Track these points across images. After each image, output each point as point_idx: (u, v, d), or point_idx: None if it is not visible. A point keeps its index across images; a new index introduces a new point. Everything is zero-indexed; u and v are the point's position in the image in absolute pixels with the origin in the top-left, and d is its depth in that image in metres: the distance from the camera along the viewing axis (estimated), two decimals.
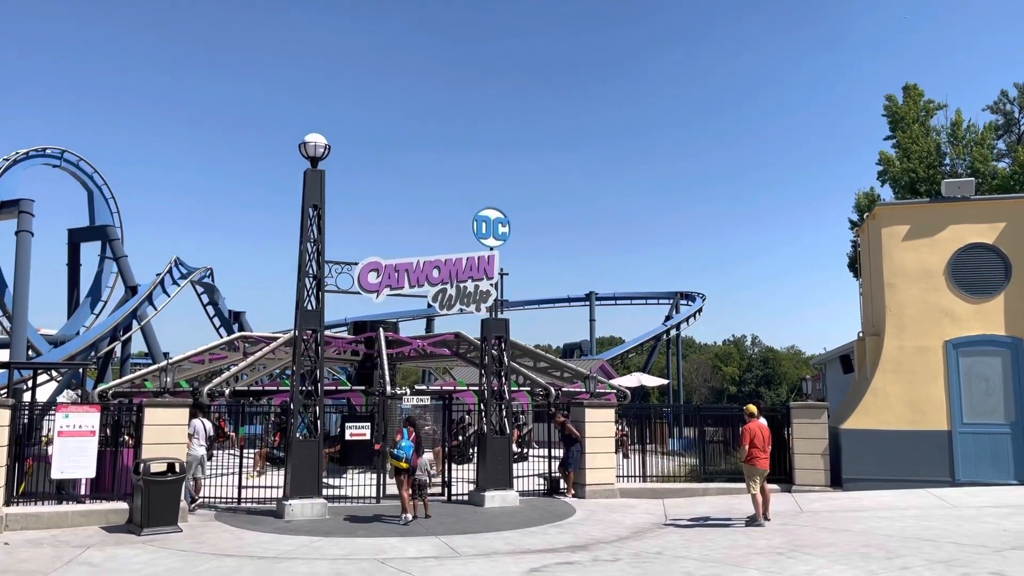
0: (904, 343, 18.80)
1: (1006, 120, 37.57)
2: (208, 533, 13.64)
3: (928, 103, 33.64)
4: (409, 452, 14.90)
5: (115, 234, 44.50)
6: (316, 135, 16.26)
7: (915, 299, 18.90)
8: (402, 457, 14.85)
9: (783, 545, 12.35)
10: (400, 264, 17.17)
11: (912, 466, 17.99)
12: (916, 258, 19.03)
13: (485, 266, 17.65)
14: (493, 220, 17.90)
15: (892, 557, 11.24)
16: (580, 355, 55.88)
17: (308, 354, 15.95)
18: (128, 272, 44.27)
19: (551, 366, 24.69)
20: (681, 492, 18.36)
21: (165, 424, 15.12)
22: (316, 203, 16.23)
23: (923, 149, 31.70)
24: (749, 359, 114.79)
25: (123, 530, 13.76)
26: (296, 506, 15.04)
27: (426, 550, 12.32)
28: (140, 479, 13.65)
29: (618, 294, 66.79)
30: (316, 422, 15.72)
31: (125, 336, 43.38)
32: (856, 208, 34.42)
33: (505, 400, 17.63)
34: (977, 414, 18.11)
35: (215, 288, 50.02)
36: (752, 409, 15.27)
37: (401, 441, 15.04)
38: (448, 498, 17.70)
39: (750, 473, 14.51)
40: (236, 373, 22.77)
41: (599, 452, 18.37)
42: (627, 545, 12.68)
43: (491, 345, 17.68)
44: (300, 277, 16.04)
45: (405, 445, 14.98)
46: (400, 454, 14.87)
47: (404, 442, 15.00)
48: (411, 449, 14.98)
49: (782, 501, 16.60)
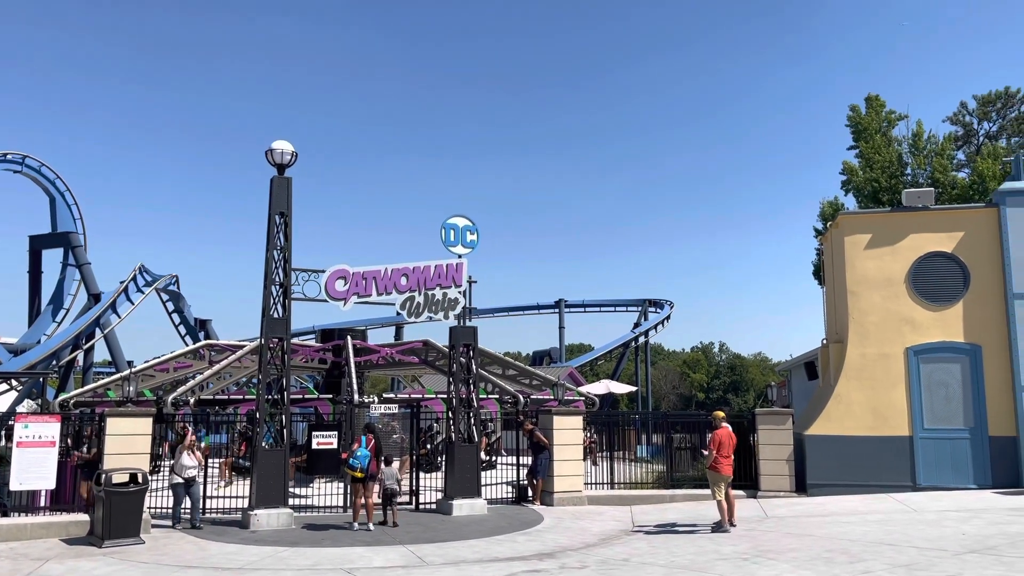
0: (866, 350, 19.10)
1: (965, 131, 38.49)
2: (171, 545, 13.43)
3: (890, 114, 34.29)
4: (365, 461, 14.92)
5: (78, 241, 43.88)
6: (283, 142, 16.17)
7: (877, 306, 19.23)
8: (357, 467, 14.88)
9: (748, 551, 12.47)
10: (368, 272, 17.10)
11: (875, 471, 18.27)
12: (878, 266, 19.36)
13: (453, 274, 17.64)
14: (461, 228, 17.90)
15: (855, 561, 11.40)
16: (549, 362, 56.02)
17: (274, 362, 15.82)
18: (91, 279, 43.66)
19: (520, 374, 24.75)
20: (649, 499, 18.46)
21: (128, 434, 14.90)
22: (283, 210, 16.12)
23: (885, 159, 32.29)
24: (717, 366, 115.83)
25: (84, 542, 13.50)
26: (262, 516, 14.88)
27: (394, 559, 12.26)
28: (101, 490, 13.41)
29: (587, 301, 67.08)
30: (283, 431, 15.59)
31: (88, 344, 42.73)
32: (821, 217, 34.94)
33: (473, 408, 17.61)
34: (937, 420, 18.45)
35: (180, 296, 49.43)
36: (720, 415, 15.41)
37: (358, 450, 15.07)
38: (416, 507, 17.62)
39: (715, 479, 14.63)
40: (201, 382, 22.55)
41: (567, 459, 18.41)
42: (594, 552, 12.72)
43: (460, 353, 17.66)
44: (266, 285, 15.91)
45: (361, 454, 15.01)
46: (355, 463, 14.90)
47: (361, 451, 15.03)
48: (367, 458, 15.00)
49: (748, 507, 16.76)
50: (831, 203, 34.47)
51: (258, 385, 16.39)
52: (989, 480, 17.99)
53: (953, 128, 38.02)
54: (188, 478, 14.97)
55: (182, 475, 14.95)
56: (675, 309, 61.13)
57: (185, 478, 14.97)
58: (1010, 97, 37.60)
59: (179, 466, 15.00)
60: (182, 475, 14.95)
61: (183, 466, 14.98)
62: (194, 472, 15.11)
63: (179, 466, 15.00)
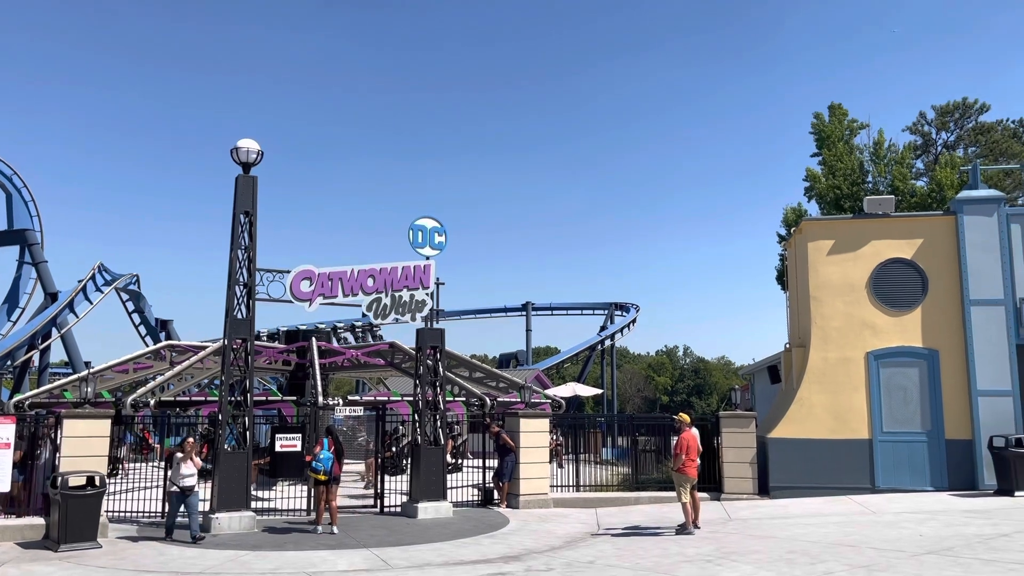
0: (828, 354, 19.39)
1: (924, 141, 39.32)
2: (129, 549, 13.18)
3: (852, 122, 34.90)
4: (328, 464, 14.93)
5: (35, 238, 42.99)
6: (249, 140, 15.96)
7: (839, 311, 19.52)
8: (320, 469, 14.88)
9: (712, 553, 12.57)
10: (334, 272, 16.95)
11: (835, 474, 18.54)
12: (840, 272, 19.67)
13: (421, 275, 17.57)
14: (429, 229, 17.84)
15: (815, 562, 11.55)
16: (516, 365, 56.03)
17: (238, 364, 15.61)
18: (48, 278, 42.79)
19: (487, 376, 24.69)
20: (614, 501, 18.54)
21: (85, 436, 14.58)
22: (248, 210, 15.92)
23: (847, 167, 32.85)
24: (681, 369, 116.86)
25: (39, 546, 13.20)
26: (223, 519, 14.66)
27: (357, 563, 12.15)
28: (57, 493, 13.12)
29: (554, 304, 67.21)
30: (245, 433, 15.38)
31: (44, 344, 41.86)
32: (784, 222, 35.44)
33: (440, 410, 17.54)
34: (896, 423, 18.78)
35: (141, 295, 48.56)
36: (685, 418, 15.49)
37: (320, 452, 15.04)
38: (381, 510, 17.50)
39: (680, 481, 14.73)
40: (162, 383, 22.18)
41: (533, 462, 18.42)
42: (560, 555, 12.73)
43: (426, 355, 17.58)
44: (230, 285, 15.69)
45: (324, 457, 15.01)
46: (319, 466, 14.89)
47: (323, 453, 15.02)
48: (331, 461, 15.01)
49: (712, 509, 16.90)
50: (795, 209, 34.98)
51: (221, 387, 16.16)
52: (946, 482, 18.35)
53: (912, 137, 38.88)
54: (186, 487, 13.80)
55: (179, 484, 13.80)
56: (641, 313, 61.54)
57: (182, 487, 13.79)
58: (967, 108, 38.52)
59: (176, 474, 13.86)
60: (179, 484, 13.80)
61: (181, 475, 13.80)
62: (193, 481, 13.89)
63: (176, 474, 13.86)
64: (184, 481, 13.81)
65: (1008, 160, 35.55)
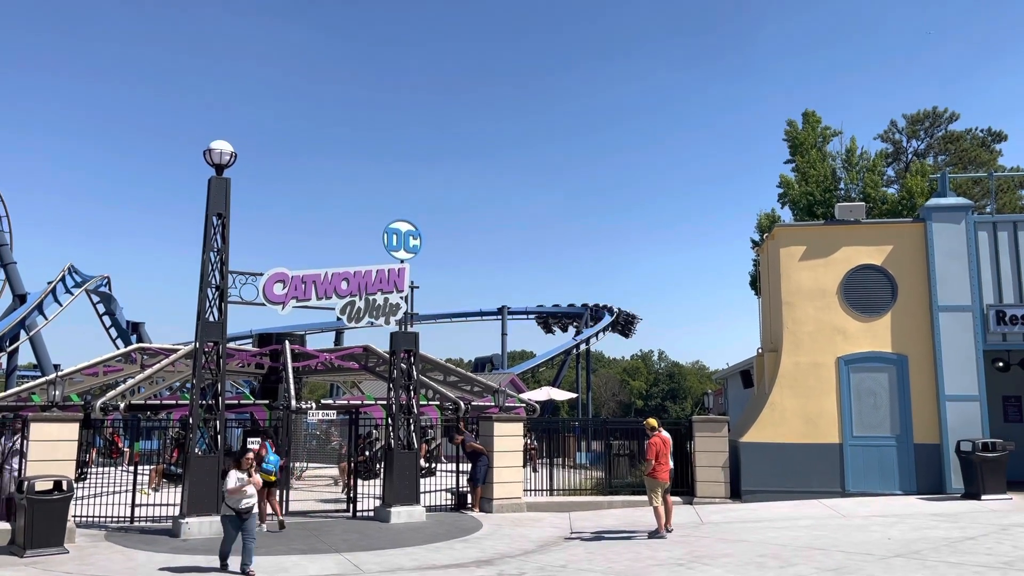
0: (800, 359, 19.58)
1: (895, 148, 39.86)
2: (97, 554, 12.99)
3: (825, 129, 35.33)
4: (277, 465, 15.64)
5: (3, 239, 42.39)
6: (222, 142, 15.83)
7: (810, 317, 19.73)
8: (271, 471, 15.46)
9: (684, 556, 12.64)
10: (307, 275, 16.85)
11: (806, 478, 18.72)
12: (812, 277, 19.88)
13: (395, 279, 17.51)
14: (404, 232, 17.78)
15: (785, 566, 11.65)
16: (491, 369, 55.96)
17: (209, 367, 15.46)
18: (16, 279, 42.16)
19: (461, 380, 24.66)
20: (587, 505, 18.57)
21: (52, 440, 14.37)
22: (220, 211, 15.79)
23: (820, 173, 33.24)
24: (656, 373, 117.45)
25: (4, 552, 12.96)
26: (193, 524, 14.50)
27: (329, 567, 12.07)
28: (24, 497, 12.90)
29: (530, 308, 67.30)
30: (217, 437, 15.24)
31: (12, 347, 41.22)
32: (758, 228, 35.77)
33: (413, 414, 17.48)
34: (865, 427, 19.01)
35: (112, 297, 47.94)
36: (652, 423, 15.59)
37: (268, 455, 15.54)
38: (353, 514, 17.39)
39: (652, 486, 14.79)
40: (133, 386, 21.88)
41: (507, 466, 18.41)
42: (532, 559, 12.74)
43: (400, 359, 17.52)
44: (202, 287, 15.54)
45: (274, 459, 15.66)
46: (269, 468, 15.41)
47: (271, 455, 15.62)
48: (278, 462, 15.74)
49: (684, 513, 16.99)
50: (768, 215, 35.33)
51: (192, 390, 16.00)
52: (914, 486, 18.60)
53: (884, 145, 39.38)
54: (243, 509, 11.22)
55: (235, 505, 11.21)
56: (615, 317, 61.74)
57: (238, 509, 11.20)
58: (937, 117, 39.13)
59: (232, 495, 11.19)
60: (235, 505, 11.21)
61: (238, 495, 11.17)
62: (252, 502, 11.33)
63: (232, 495, 11.19)
64: (242, 502, 11.28)
65: (976, 168, 36.17)
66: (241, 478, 11.26)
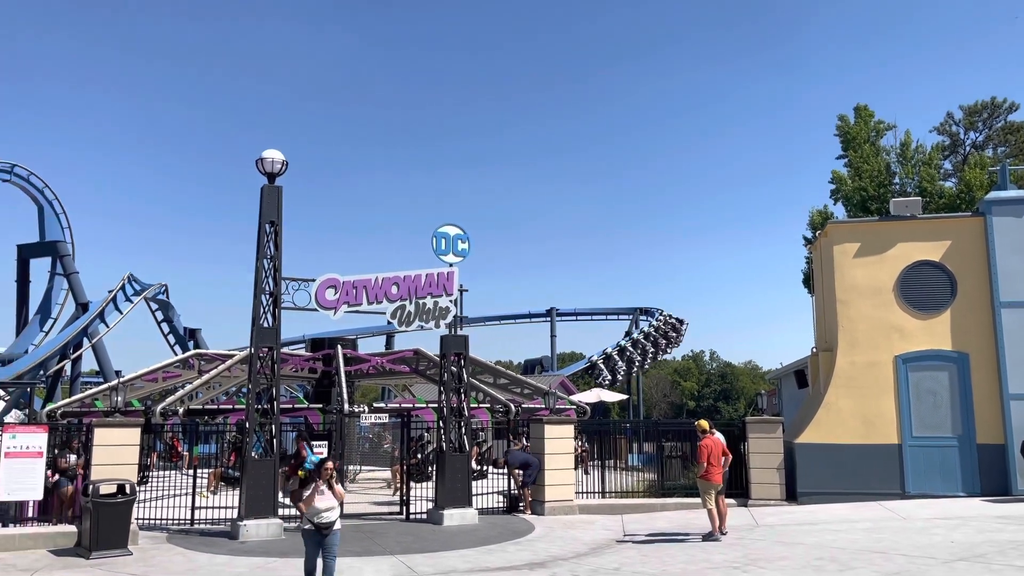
0: (856, 358, 19.18)
1: (952, 141, 38.81)
2: (159, 556, 13.35)
3: (878, 124, 34.58)
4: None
5: (66, 250, 43.70)
6: (274, 151, 16.15)
7: (866, 315, 19.32)
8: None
9: (739, 559, 12.48)
10: (358, 281, 17.08)
11: (864, 479, 18.32)
12: (867, 275, 19.47)
13: (444, 282, 17.63)
14: (452, 236, 17.90)
15: (844, 570, 11.43)
16: (541, 371, 56.00)
17: (264, 372, 15.76)
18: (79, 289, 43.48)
19: (511, 382, 24.72)
20: (640, 507, 18.45)
21: (116, 444, 14.81)
22: (273, 219, 16.09)
23: (873, 168, 32.53)
24: (708, 374, 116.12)
25: (71, 554, 13.39)
26: (251, 526, 14.79)
27: (383, 569, 12.21)
28: (89, 501, 13.32)
29: (579, 310, 67.23)
30: (272, 441, 15.52)
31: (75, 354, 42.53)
32: (810, 225, 35.17)
33: (464, 417, 17.57)
34: (926, 427, 18.53)
35: (170, 305, 49.22)
36: (704, 425, 15.44)
37: (309, 456, 15.93)
38: (407, 517, 17.55)
39: (705, 488, 14.64)
40: (191, 391, 22.43)
41: (558, 468, 18.39)
42: (585, 562, 12.70)
43: (450, 362, 17.63)
44: (256, 294, 15.86)
45: (316, 460, 15.51)
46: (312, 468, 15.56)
47: (313, 457, 15.90)
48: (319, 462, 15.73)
49: (738, 515, 16.78)
50: (820, 212, 34.71)
51: (248, 395, 16.33)
52: (977, 488, 18.06)
53: (940, 138, 38.38)
54: (323, 524, 10.21)
55: (314, 519, 10.20)
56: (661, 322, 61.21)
57: (318, 524, 10.19)
58: (996, 107, 38.00)
59: (311, 508, 10.18)
60: (314, 519, 10.20)
61: (316, 508, 10.18)
62: (333, 516, 10.30)
63: (311, 508, 10.18)
64: (322, 516, 10.21)
65: None
66: (322, 490, 10.27)
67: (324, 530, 10.21)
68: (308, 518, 10.24)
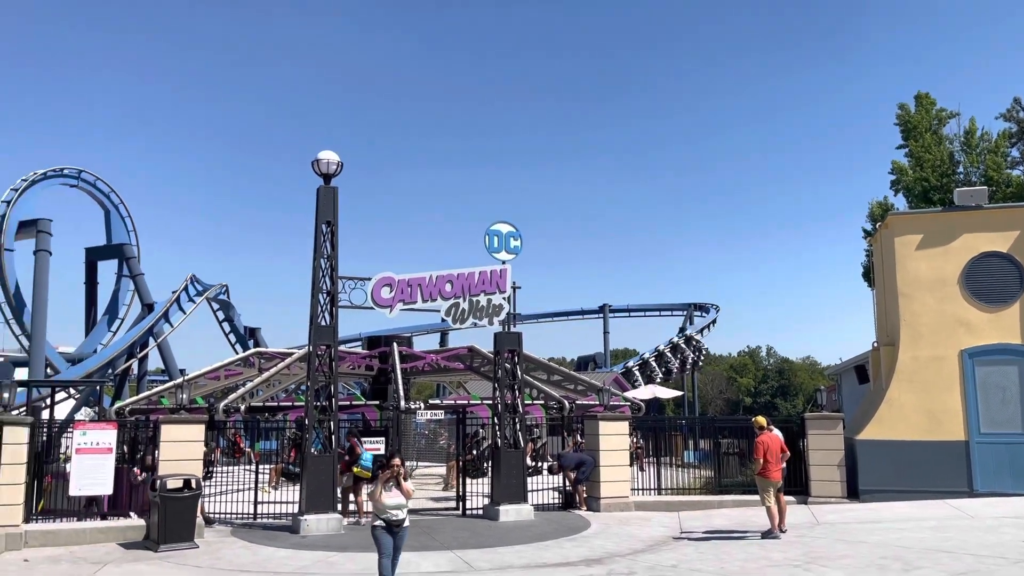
0: (919, 353, 18.69)
1: (1019, 128, 37.38)
2: (225, 549, 13.71)
3: (940, 111, 33.54)
4: (371, 463, 16.36)
5: (131, 252, 44.97)
6: (329, 152, 16.42)
7: (930, 308, 18.80)
8: (368, 468, 16.33)
9: (799, 557, 12.29)
10: (413, 279, 17.27)
11: (929, 477, 17.83)
12: (930, 267, 18.94)
13: (497, 280, 17.72)
14: (505, 234, 17.98)
15: (910, 569, 11.17)
16: (594, 367, 55.84)
17: (322, 369, 16.05)
18: (144, 290, 44.72)
19: (565, 379, 24.74)
20: (696, 504, 18.29)
21: (181, 441, 15.24)
22: (329, 219, 16.37)
23: (936, 158, 31.59)
24: (764, 370, 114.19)
25: (140, 546, 13.85)
26: (311, 521, 15.09)
27: (442, 564, 12.35)
28: (156, 496, 13.75)
29: (631, 306, 66.85)
30: (331, 437, 15.81)
31: (142, 353, 43.77)
32: (870, 217, 34.31)
33: (519, 413, 17.64)
34: (994, 424, 17.94)
35: (230, 305, 50.38)
36: (761, 421, 15.23)
37: (363, 453, 16.47)
38: (463, 512, 17.71)
39: (763, 485, 14.45)
40: (251, 389, 22.99)
41: (613, 465, 18.33)
42: (642, 559, 12.65)
43: (504, 359, 17.72)
44: (314, 293, 16.16)
45: (368, 456, 16.53)
46: (367, 465, 16.38)
47: (366, 454, 16.50)
48: (371, 459, 16.48)
49: (798, 513, 16.51)
50: (880, 203, 33.85)
51: (307, 392, 16.66)
52: None
53: (1007, 125, 36.97)
54: (393, 520, 9.99)
55: (382, 515, 9.99)
56: (721, 313, 60.56)
57: (388, 521, 9.98)
58: None
59: (378, 503, 10.03)
60: (382, 515, 9.99)
61: (384, 506, 9.96)
62: (403, 514, 10.08)
63: (378, 503, 10.03)
64: (391, 513, 9.98)
65: None
66: (390, 487, 10.03)
67: (395, 527, 10.03)
68: (378, 515, 10.07)
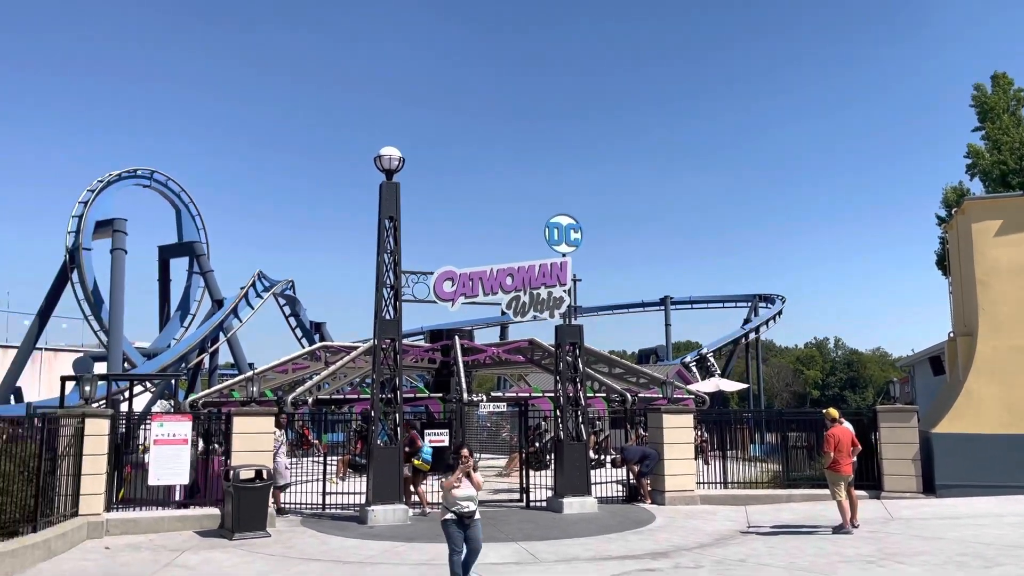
0: (999, 343, 17.99)
1: None
2: (295, 538, 14.02)
3: (1019, 92, 32.19)
4: (431, 455, 16.75)
5: (202, 250, 46.26)
6: (391, 148, 16.58)
7: (1010, 296, 18.09)
8: (429, 460, 16.73)
9: (873, 553, 11.97)
10: (474, 272, 17.35)
11: (1011, 471, 17.16)
12: (1010, 254, 18.22)
13: (558, 272, 17.67)
14: (565, 226, 17.91)
15: (991, 566, 10.77)
16: (656, 360, 55.31)
17: (387, 363, 16.25)
18: (214, 286, 45.98)
19: (626, 372, 24.58)
20: (764, 499, 17.96)
21: (252, 432, 15.62)
22: (392, 215, 16.54)
23: (1014, 140, 30.33)
24: (832, 362, 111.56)
25: (215, 535, 14.26)
26: (378, 511, 15.32)
27: (507, 556, 12.40)
28: (230, 486, 14.14)
29: (694, 298, 65.89)
30: (396, 429, 16.01)
31: (213, 348, 45.07)
32: (944, 203, 33.17)
33: (581, 406, 17.59)
34: None
35: (296, 300, 51.48)
36: (833, 413, 14.87)
37: (424, 446, 16.76)
38: (527, 504, 17.75)
39: (834, 479, 14.11)
40: (318, 382, 23.46)
41: (678, 458, 18.14)
42: (709, 552, 12.49)
43: (565, 351, 17.67)
44: (378, 287, 16.37)
45: (428, 449, 16.86)
46: (427, 458, 16.71)
47: (426, 447, 16.76)
48: (431, 452, 16.82)
49: (871, 508, 16.08)
50: (955, 189, 32.69)
51: (372, 385, 16.90)
52: None
53: None
54: (464, 513, 9.82)
55: (452, 508, 9.83)
56: (787, 304, 59.25)
57: (459, 514, 9.80)
58: None
59: (448, 496, 9.89)
60: (452, 508, 9.83)
61: (455, 498, 9.82)
62: (473, 506, 9.90)
63: (448, 496, 9.89)
64: (461, 505, 9.85)
65: None
66: (460, 480, 9.90)
67: (466, 519, 9.86)
68: (448, 507, 9.92)
